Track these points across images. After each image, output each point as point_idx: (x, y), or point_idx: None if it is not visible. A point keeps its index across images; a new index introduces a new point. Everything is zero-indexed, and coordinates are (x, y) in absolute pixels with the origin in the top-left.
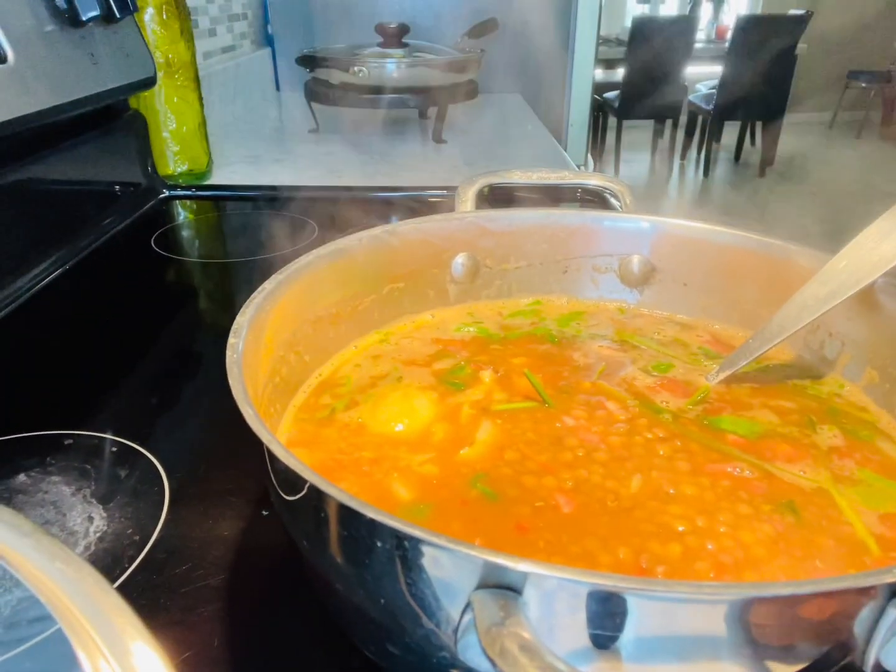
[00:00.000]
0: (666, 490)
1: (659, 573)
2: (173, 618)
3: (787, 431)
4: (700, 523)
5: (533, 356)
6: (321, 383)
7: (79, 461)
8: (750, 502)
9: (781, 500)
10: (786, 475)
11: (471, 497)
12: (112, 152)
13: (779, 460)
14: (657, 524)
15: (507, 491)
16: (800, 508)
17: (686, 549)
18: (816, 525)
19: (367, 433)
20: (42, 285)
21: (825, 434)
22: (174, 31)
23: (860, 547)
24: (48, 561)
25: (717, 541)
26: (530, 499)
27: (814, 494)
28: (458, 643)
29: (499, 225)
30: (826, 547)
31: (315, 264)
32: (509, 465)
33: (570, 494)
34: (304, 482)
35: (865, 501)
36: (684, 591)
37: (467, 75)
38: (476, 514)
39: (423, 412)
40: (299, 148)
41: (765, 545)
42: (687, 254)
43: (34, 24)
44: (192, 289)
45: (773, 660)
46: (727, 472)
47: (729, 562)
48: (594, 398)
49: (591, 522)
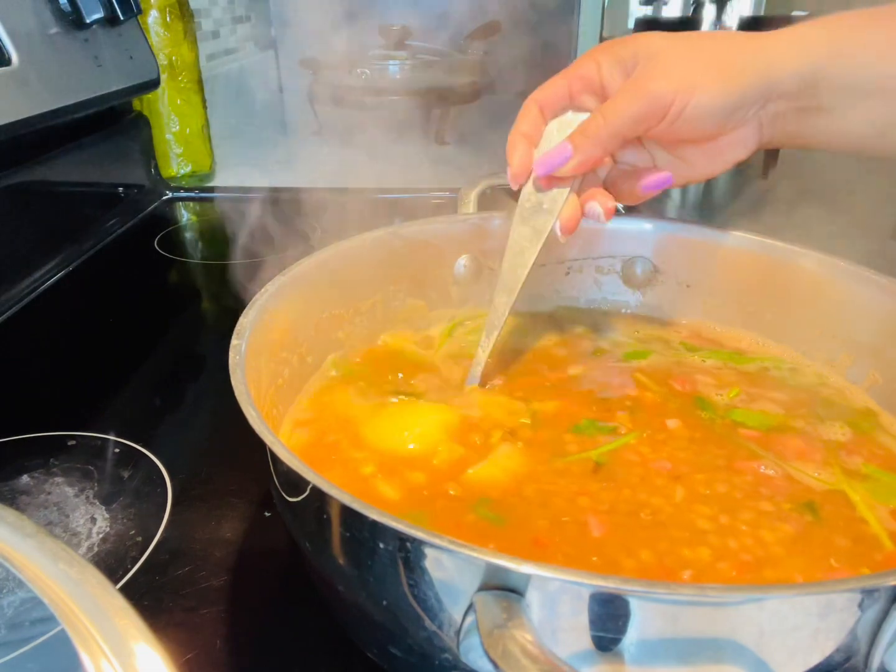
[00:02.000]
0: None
1: (685, 577)
2: (176, 619)
3: (797, 425)
4: (724, 521)
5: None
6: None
7: (82, 462)
8: (771, 499)
9: (801, 500)
10: (802, 476)
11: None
12: (115, 154)
13: (790, 455)
14: (685, 526)
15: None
16: (819, 508)
17: (712, 550)
18: (834, 524)
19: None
20: (46, 287)
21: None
22: (178, 33)
23: (874, 543)
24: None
25: (738, 539)
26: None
27: (830, 494)
28: (460, 645)
29: (501, 227)
30: (841, 546)
31: (318, 266)
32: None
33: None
34: (306, 483)
35: (875, 496)
36: (686, 594)
37: (470, 77)
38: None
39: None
40: (302, 150)
41: (784, 545)
42: (690, 255)
43: (38, 26)
44: (195, 290)
45: (776, 663)
46: (753, 468)
47: (750, 560)
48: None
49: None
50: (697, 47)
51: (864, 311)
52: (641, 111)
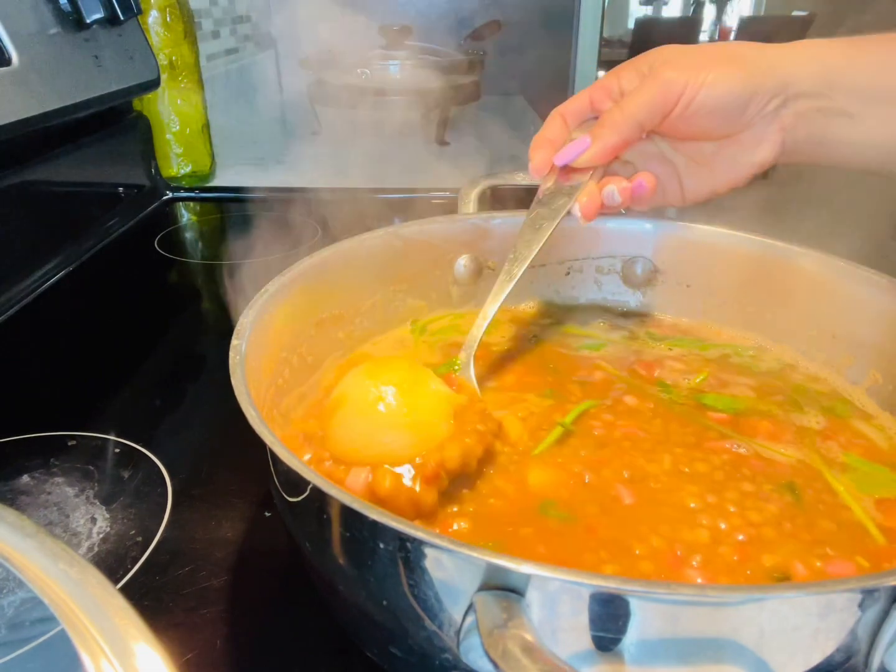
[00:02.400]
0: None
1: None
2: (176, 619)
3: (768, 409)
4: (711, 500)
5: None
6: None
7: (82, 462)
8: (752, 480)
9: (781, 481)
10: (773, 454)
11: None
12: (116, 154)
13: (760, 438)
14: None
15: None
16: (800, 490)
17: (709, 532)
18: (815, 508)
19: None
20: (46, 286)
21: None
22: (178, 33)
23: (860, 528)
24: (51, 562)
25: (727, 520)
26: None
27: (809, 475)
28: (460, 645)
29: (501, 227)
30: (828, 529)
31: (318, 266)
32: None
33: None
34: (306, 483)
35: (860, 487)
36: (686, 594)
37: (470, 77)
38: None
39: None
40: (302, 150)
41: (772, 525)
42: (690, 256)
43: (38, 26)
44: (195, 290)
45: (776, 663)
46: (724, 447)
47: (744, 541)
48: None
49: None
50: (710, 49)
51: (865, 310)
52: (654, 97)
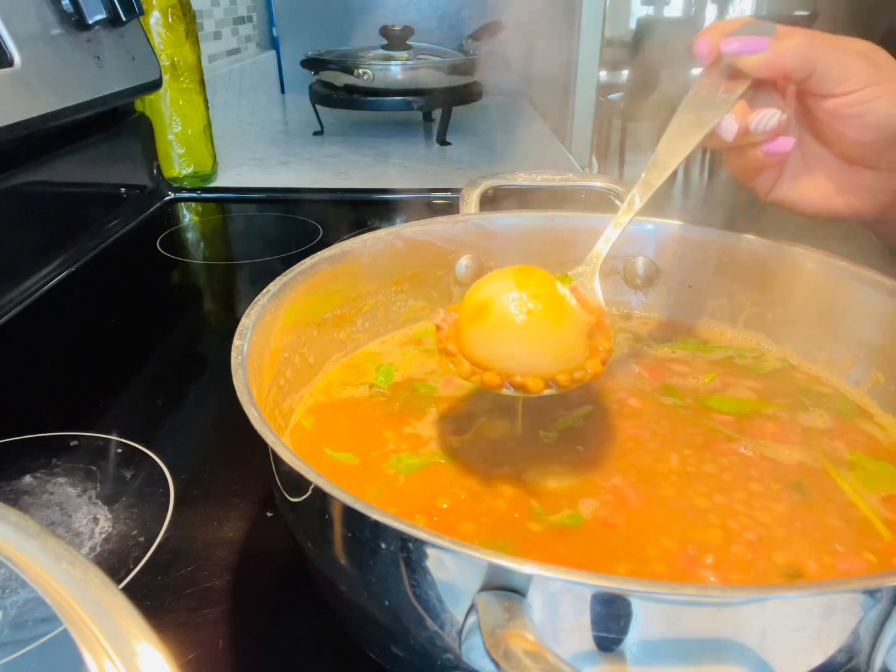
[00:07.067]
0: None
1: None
2: (178, 619)
3: (772, 411)
4: (718, 500)
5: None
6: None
7: (84, 463)
8: (760, 480)
9: (788, 481)
10: (782, 456)
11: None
12: (118, 155)
13: (767, 439)
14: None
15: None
16: (807, 489)
17: (722, 532)
18: (823, 506)
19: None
20: (48, 287)
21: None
22: (179, 34)
23: (868, 525)
24: (54, 562)
25: (736, 519)
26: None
27: (816, 475)
28: (462, 645)
29: (503, 227)
30: (836, 527)
31: (320, 266)
32: None
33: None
34: (308, 484)
35: (865, 485)
36: (688, 594)
37: (471, 77)
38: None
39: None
40: (304, 150)
41: (782, 525)
42: (691, 256)
43: (40, 27)
44: (197, 291)
45: (778, 663)
46: (733, 449)
47: (754, 539)
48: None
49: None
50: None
51: (867, 311)
52: (845, 64)
